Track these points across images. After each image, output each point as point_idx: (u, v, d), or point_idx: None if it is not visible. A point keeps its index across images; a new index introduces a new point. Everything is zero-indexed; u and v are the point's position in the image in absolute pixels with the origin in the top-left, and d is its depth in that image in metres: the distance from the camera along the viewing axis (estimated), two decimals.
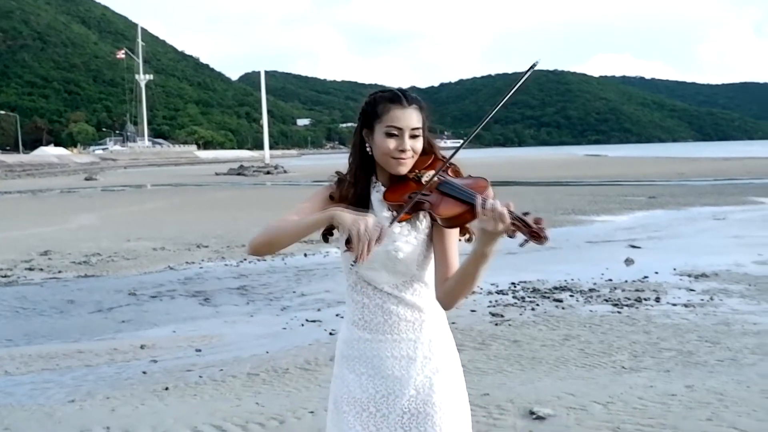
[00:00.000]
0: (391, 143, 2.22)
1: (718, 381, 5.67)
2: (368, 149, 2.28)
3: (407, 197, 2.17)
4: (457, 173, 2.27)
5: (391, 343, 2.28)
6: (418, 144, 2.26)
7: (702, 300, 8.75)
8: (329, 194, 2.34)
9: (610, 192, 28.21)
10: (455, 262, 2.20)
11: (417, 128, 2.24)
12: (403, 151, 2.22)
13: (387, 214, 2.23)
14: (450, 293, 2.17)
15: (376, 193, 2.30)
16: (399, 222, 2.19)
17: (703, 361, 6.30)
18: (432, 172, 2.21)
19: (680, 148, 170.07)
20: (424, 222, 2.24)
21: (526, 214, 1.95)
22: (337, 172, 2.38)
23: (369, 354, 2.29)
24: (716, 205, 21.41)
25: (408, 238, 2.23)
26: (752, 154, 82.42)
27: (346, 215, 2.08)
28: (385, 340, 2.28)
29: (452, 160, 2.28)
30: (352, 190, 2.29)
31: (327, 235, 2.29)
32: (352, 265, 2.22)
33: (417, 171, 2.25)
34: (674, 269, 10.79)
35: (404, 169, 2.25)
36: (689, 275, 10.34)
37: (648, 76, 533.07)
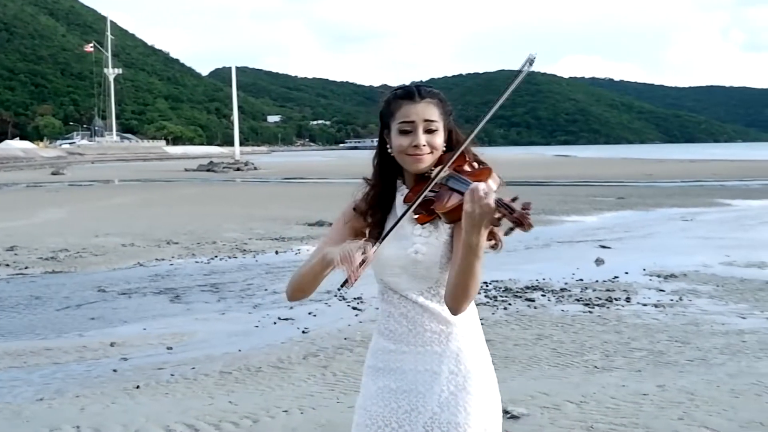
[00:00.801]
0: (405, 140, 2.13)
1: (688, 380, 5.74)
2: (389, 150, 2.19)
3: (417, 202, 2.07)
4: (472, 166, 2.15)
5: (415, 355, 2.17)
6: (437, 139, 2.15)
7: (671, 300, 8.84)
8: (353, 208, 2.25)
9: (580, 192, 28.43)
10: None
11: (432, 121, 2.14)
12: (416, 146, 2.12)
13: (409, 217, 2.12)
14: (450, 294, 2.03)
15: (400, 196, 2.21)
16: (421, 224, 2.11)
17: (674, 360, 6.37)
18: (447, 168, 2.09)
19: (648, 149, 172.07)
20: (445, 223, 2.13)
21: (514, 199, 1.85)
22: (364, 178, 2.28)
23: (393, 366, 2.20)
24: (684, 207, 21.67)
25: (429, 240, 2.13)
26: (718, 156, 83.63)
27: (334, 250, 2.03)
28: (409, 351, 2.18)
29: (476, 153, 2.19)
30: (373, 192, 2.22)
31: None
32: (339, 289, 2.16)
33: (433, 168, 2.13)
34: (644, 269, 10.90)
35: (422, 166, 2.14)
36: (659, 276, 10.45)
37: (617, 78, 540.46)
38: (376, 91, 2.35)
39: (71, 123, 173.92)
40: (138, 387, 5.86)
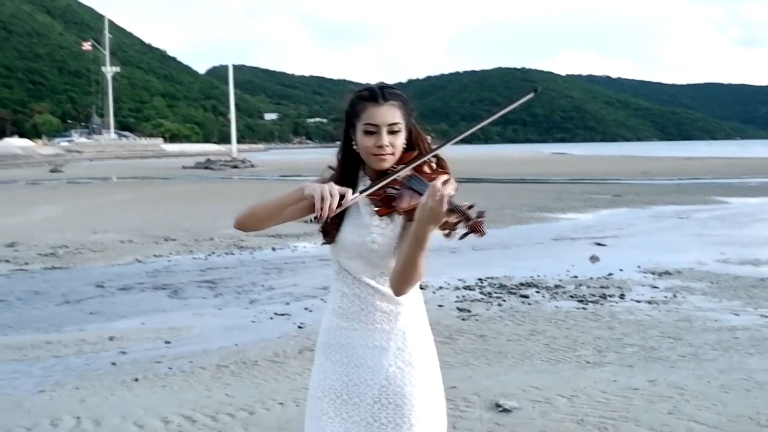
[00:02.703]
0: (370, 140, 2.26)
1: (679, 376, 5.83)
2: (354, 147, 2.33)
3: (378, 185, 2.21)
4: (432, 167, 2.30)
5: (365, 332, 2.32)
6: (398, 140, 2.30)
7: (665, 297, 8.94)
8: None
9: (575, 190, 28.53)
10: None
11: (395, 123, 2.27)
12: (380, 147, 2.26)
13: (369, 209, 2.29)
14: (395, 279, 2.20)
15: (362, 186, 2.33)
16: (380, 216, 2.25)
17: (665, 356, 6.46)
18: (402, 166, 2.24)
19: (644, 147, 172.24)
20: (401, 217, 2.29)
21: (470, 207, 1.96)
22: (329, 167, 2.42)
23: (344, 342, 2.34)
24: (680, 204, 21.77)
25: (385, 231, 2.28)
26: (714, 153, 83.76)
27: (314, 184, 2.18)
28: (360, 329, 2.33)
29: (439, 154, 2.33)
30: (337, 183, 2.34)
31: (326, 237, 2.35)
32: (310, 222, 2.25)
33: (395, 165, 2.28)
34: (638, 267, 10.99)
35: (385, 165, 2.28)
36: (653, 273, 10.54)
37: (614, 75, 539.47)
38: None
39: (69, 121, 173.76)
40: (136, 380, 5.95)
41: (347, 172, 2.37)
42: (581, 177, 38.52)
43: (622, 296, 8.98)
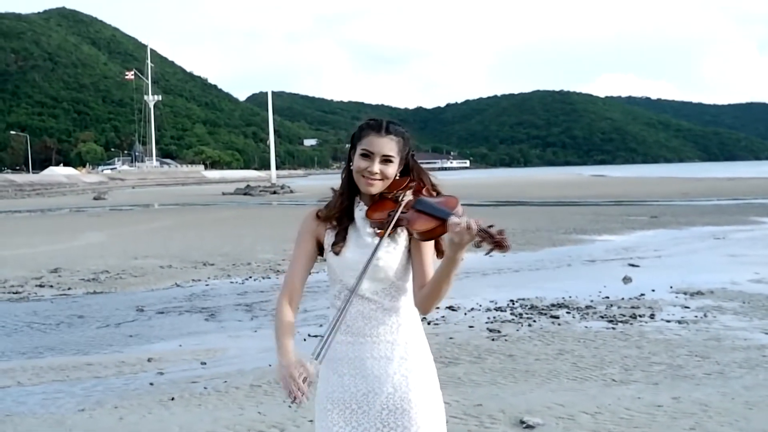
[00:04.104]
0: (363, 163, 2.49)
1: (703, 393, 5.88)
2: (351, 166, 2.56)
3: (387, 215, 2.45)
4: (431, 193, 2.54)
5: (371, 344, 2.51)
6: (390, 169, 2.51)
7: (696, 317, 8.94)
8: (316, 214, 2.61)
9: (613, 212, 28.40)
10: (431, 271, 2.45)
11: (389, 155, 2.49)
12: (371, 172, 2.48)
13: (369, 230, 2.50)
14: (426, 298, 2.42)
15: (359, 211, 2.56)
16: (389, 237, 2.45)
17: (692, 374, 6.50)
18: (409, 193, 2.49)
19: (686, 168, 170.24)
20: (402, 236, 2.50)
21: (490, 227, 2.20)
22: (333, 189, 2.65)
23: (351, 356, 2.53)
24: (717, 225, 21.58)
25: (388, 249, 2.48)
26: (757, 174, 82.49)
27: (280, 372, 2.42)
28: (366, 342, 2.52)
29: (432, 180, 2.60)
30: (339, 202, 2.57)
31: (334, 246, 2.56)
32: (290, 406, 2.51)
33: (395, 191, 2.51)
34: (671, 287, 10.99)
35: (373, 190, 2.50)
36: (685, 293, 10.53)
37: (654, 96, 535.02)
38: (410, 113, 2.68)
39: (112, 149, 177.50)
40: (173, 399, 6.16)
41: (348, 192, 2.58)
42: (619, 199, 38.29)
43: (652, 316, 9.01)
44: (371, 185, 2.50)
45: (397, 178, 2.55)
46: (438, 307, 7.11)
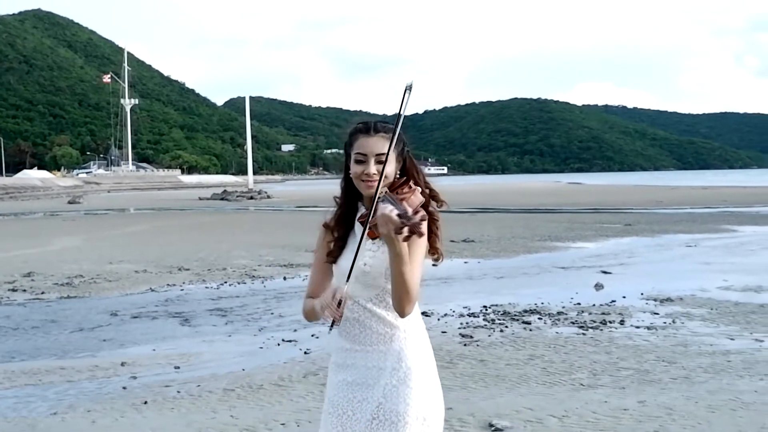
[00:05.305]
0: (359, 168, 2.49)
1: (669, 397, 6.01)
2: (350, 174, 2.55)
3: (370, 223, 2.42)
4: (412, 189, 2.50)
5: (365, 353, 2.54)
6: (387, 168, 2.47)
7: (664, 323, 9.09)
8: (324, 225, 2.65)
9: (588, 219, 28.67)
10: (416, 273, 2.41)
11: (382, 154, 2.46)
12: (368, 174, 2.47)
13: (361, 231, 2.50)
14: (393, 299, 2.42)
15: (359, 214, 2.56)
16: (372, 239, 2.44)
17: (658, 379, 6.63)
18: (383, 191, 2.45)
19: (661, 176, 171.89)
20: None
21: (416, 213, 2.25)
22: (335, 197, 2.66)
23: (348, 362, 2.57)
24: (689, 233, 21.87)
25: (376, 253, 2.50)
26: (730, 183, 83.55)
27: (316, 303, 2.49)
28: (361, 350, 2.54)
29: (430, 183, 2.61)
30: (340, 211, 2.61)
31: (329, 257, 2.61)
32: (329, 331, 2.51)
33: (382, 192, 2.47)
34: (641, 294, 11.15)
35: (372, 191, 2.46)
36: (655, 300, 10.70)
37: (630, 105, 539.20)
38: (388, 119, 2.71)
39: (88, 153, 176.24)
40: (146, 402, 6.19)
41: (348, 200, 2.60)
42: (595, 207, 38.62)
43: (622, 322, 9.15)
44: (371, 187, 2.48)
45: (397, 177, 2.53)
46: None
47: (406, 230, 2.22)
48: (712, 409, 5.66)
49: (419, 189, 2.48)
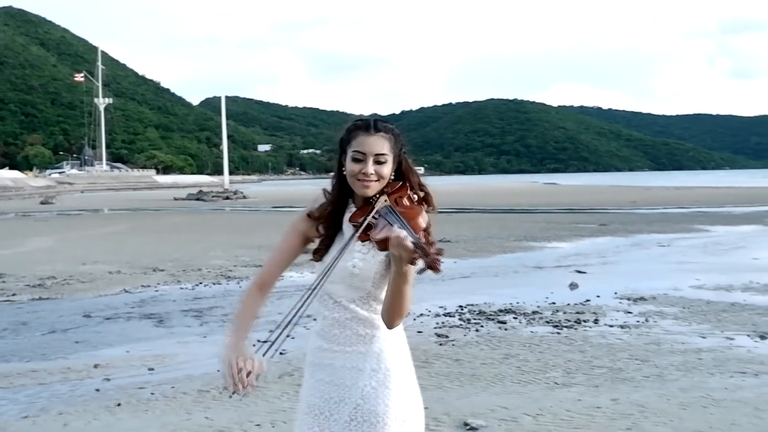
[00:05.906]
0: (356, 167, 2.43)
1: (641, 394, 6.07)
2: (344, 171, 2.50)
3: (361, 219, 2.38)
4: (411, 199, 2.47)
5: (344, 354, 2.50)
6: (384, 169, 2.44)
7: (638, 322, 9.18)
8: (307, 214, 2.58)
9: (563, 219, 28.87)
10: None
11: (382, 154, 2.43)
12: (365, 174, 2.42)
13: (349, 233, 2.45)
14: (385, 312, 2.39)
15: (348, 213, 2.51)
16: (362, 242, 2.39)
17: (631, 377, 6.70)
18: (383, 198, 2.40)
19: (635, 177, 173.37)
20: None
21: (431, 244, 2.12)
22: (324, 190, 2.60)
23: (326, 362, 2.53)
24: (663, 233, 22.09)
25: (366, 256, 2.45)
26: (703, 183, 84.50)
27: (223, 353, 2.48)
28: (340, 351, 2.50)
29: (425, 185, 2.56)
30: (329, 209, 2.54)
31: (315, 254, 2.56)
32: (230, 396, 2.51)
33: (377, 195, 2.43)
34: (615, 293, 11.24)
35: (369, 192, 2.43)
36: (629, 299, 10.79)
37: (605, 107, 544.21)
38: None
39: (61, 152, 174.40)
40: (119, 405, 6.14)
41: (340, 198, 2.54)
42: (570, 207, 38.90)
43: (596, 321, 9.22)
44: (367, 187, 2.44)
45: (392, 178, 2.49)
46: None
47: (420, 262, 2.13)
48: (684, 407, 5.72)
49: (423, 209, 2.42)
